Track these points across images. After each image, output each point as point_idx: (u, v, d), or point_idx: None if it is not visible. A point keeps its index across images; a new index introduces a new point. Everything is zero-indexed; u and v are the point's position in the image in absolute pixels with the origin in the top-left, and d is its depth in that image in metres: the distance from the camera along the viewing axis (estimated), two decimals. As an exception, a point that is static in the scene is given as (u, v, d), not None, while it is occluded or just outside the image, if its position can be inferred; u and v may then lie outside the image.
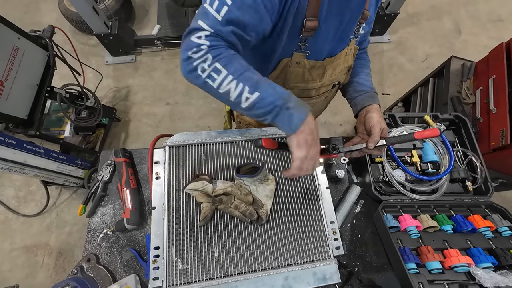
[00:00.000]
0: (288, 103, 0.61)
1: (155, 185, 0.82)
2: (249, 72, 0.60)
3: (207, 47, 0.58)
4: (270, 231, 0.79)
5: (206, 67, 0.59)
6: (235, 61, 0.60)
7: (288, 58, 0.78)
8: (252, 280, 0.72)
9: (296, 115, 0.61)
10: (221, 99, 0.64)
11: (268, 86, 0.61)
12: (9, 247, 1.92)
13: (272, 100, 0.60)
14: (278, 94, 0.61)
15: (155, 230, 0.76)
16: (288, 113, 0.61)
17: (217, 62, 0.58)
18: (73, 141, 2.04)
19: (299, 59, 0.78)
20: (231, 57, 0.60)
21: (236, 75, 0.59)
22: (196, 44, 0.58)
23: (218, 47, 0.59)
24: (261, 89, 0.59)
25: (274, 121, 0.62)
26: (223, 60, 0.59)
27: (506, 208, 0.89)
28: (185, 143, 0.86)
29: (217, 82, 0.60)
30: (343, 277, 0.84)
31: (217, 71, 0.59)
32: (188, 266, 0.72)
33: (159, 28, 2.67)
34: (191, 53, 0.59)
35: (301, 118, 0.61)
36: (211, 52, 0.58)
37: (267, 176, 0.84)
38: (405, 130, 1.00)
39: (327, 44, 0.77)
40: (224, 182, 0.81)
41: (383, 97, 2.53)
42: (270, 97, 0.60)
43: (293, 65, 0.80)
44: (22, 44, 1.49)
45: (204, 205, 0.77)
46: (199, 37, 0.58)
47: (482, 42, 2.70)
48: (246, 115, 0.65)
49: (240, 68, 0.59)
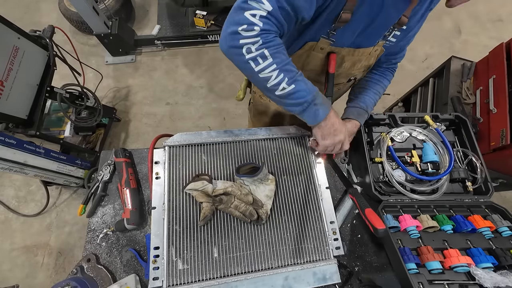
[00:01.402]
0: (316, 100, 0.69)
1: (155, 185, 0.82)
2: (289, 65, 0.65)
3: (259, 29, 0.58)
4: (270, 231, 0.79)
5: (253, 50, 0.59)
6: (281, 52, 0.63)
7: (314, 42, 0.79)
8: (252, 280, 0.72)
9: (320, 110, 0.71)
10: (255, 82, 0.67)
11: (302, 81, 0.67)
12: (9, 247, 1.92)
13: (304, 95, 0.67)
14: (309, 90, 0.68)
15: (155, 230, 0.76)
16: (314, 109, 0.70)
17: (266, 49, 0.59)
18: (73, 141, 2.04)
19: (324, 45, 0.79)
20: (279, 47, 0.62)
21: (280, 65, 0.62)
22: (249, 22, 0.57)
23: (269, 32, 0.59)
24: (297, 83, 0.65)
25: (301, 114, 0.71)
26: (272, 48, 0.60)
27: (506, 208, 0.89)
28: (185, 143, 0.86)
29: (260, 67, 0.62)
30: (343, 277, 0.84)
31: (264, 58, 0.60)
32: (188, 266, 0.72)
33: (159, 28, 2.68)
34: (240, 29, 0.58)
35: (324, 113, 0.71)
36: (262, 37, 0.58)
37: (267, 176, 0.84)
38: (405, 130, 1.00)
39: (352, 37, 0.78)
40: (224, 182, 0.81)
41: (384, 97, 2.53)
42: (303, 92, 0.66)
43: (317, 49, 0.81)
44: (22, 44, 1.49)
45: (204, 205, 0.77)
46: (254, 15, 0.57)
47: (482, 42, 2.70)
48: (274, 101, 0.71)
49: (284, 59, 0.63)
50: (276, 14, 0.59)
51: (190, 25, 2.65)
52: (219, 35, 2.63)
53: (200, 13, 2.53)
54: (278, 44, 0.63)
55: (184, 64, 2.69)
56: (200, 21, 2.56)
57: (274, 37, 0.61)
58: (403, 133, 1.00)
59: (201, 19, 2.54)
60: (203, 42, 2.72)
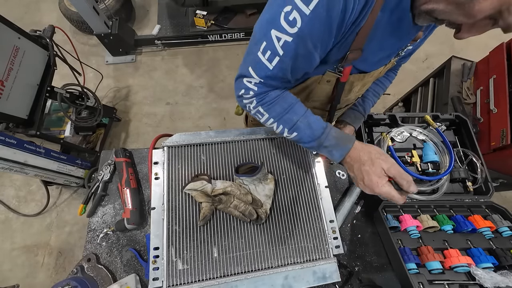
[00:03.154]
0: (324, 143, 0.66)
1: (154, 185, 0.82)
2: (289, 114, 0.66)
3: (253, 93, 0.65)
4: (270, 231, 0.79)
5: (252, 108, 0.69)
6: (277, 104, 0.66)
7: (319, 76, 0.74)
8: (252, 279, 0.72)
9: (335, 151, 0.66)
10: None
11: (306, 127, 0.66)
12: (9, 247, 1.92)
13: (309, 141, 0.67)
14: (314, 135, 0.66)
15: (155, 230, 0.76)
16: (326, 150, 0.67)
17: (260, 107, 0.67)
18: (73, 141, 2.04)
19: (330, 78, 0.74)
20: (273, 101, 0.66)
21: (276, 118, 0.67)
22: (246, 87, 0.65)
23: (263, 93, 0.66)
24: (299, 131, 0.66)
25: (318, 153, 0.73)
26: (266, 105, 0.67)
27: (506, 208, 0.89)
28: (184, 143, 0.86)
29: (262, 120, 0.71)
30: (343, 277, 0.84)
31: (261, 113, 0.69)
32: (188, 266, 0.72)
33: (159, 28, 2.68)
34: (241, 93, 0.68)
35: (342, 154, 0.65)
36: (256, 98, 0.66)
37: (266, 176, 0.84)
38: (405, 130, 1.00)
39: (364, 67, 0.73)
40: (223, 181, 0.81)
41: (384, 97, 2.53)
42: (307, 138, 0.67)
43: (323, 82, 0.76)
44: (23, 44, 1.49)
45: (204, 205, 0.77)
46: (250, 82, 0.64)
47: (483, 42, 2.69)
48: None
49: (280, 111, 0.66)
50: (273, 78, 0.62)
51: (190, 25, 2.65)
52: (219, 35, 2.65)
53: (200, 13, 2.53)
54: (273, 98, 0.66)
55: (184, 64, 2.69)
56: (200, 21, 2.56)
57: (268, 95, 0.66)
58: (403, 133, 1.00)
59: (201, 19, 2.54)
60: (203, 42, 2.72)
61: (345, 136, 0.66)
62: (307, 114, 0.67)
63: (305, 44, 0.54)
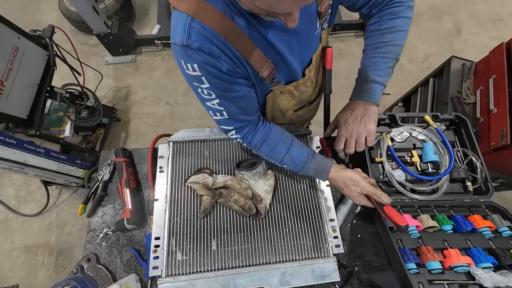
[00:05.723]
0: (307, 173, 0.77)
1: (158, 178, 0.85)
2: (274, 154, 0.76)
3: (240, 138, 0.76)
4: (269, 226, 0.80)
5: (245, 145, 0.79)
6: (264, 144, 0.76)
7: (271, 93, 0.79)
8: (249, 274, 0.73)
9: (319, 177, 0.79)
10: None
11: (291, 162, 0.76)
12: (9, 247, 1.92)
13: (296, 171, 0.78)
14: (297, 169, 0.77)
15: (157, 220, 0.78)
16: (312, 175, 0.79)
17: (250, 147, 0.79)
18: (73, 140, 2.04)
19: (280, 89, 0.78)
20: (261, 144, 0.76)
21: (267, 156, 0.78)
22: (234, 138, 0.77)
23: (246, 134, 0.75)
24: (286, 165, 0.77)
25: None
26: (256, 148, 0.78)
27: (506, 208, 0.89)
28: (188, 139, 0.89)
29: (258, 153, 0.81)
30: (343, 277, 0.84)
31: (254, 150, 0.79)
32: (187, 257, 0.74)
33: (159, 28, 2.67)
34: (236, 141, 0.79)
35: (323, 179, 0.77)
36: (244, 142, 0.77)
37: (266, 171, 0.84)
38: (405, 130, 1.00)
39: (295, 64, 0.73)
40: (224, 176, 0.83)
41: (384, 97, 2.53)
42: (294, 170, 0.78)
43: (277, 95, 0.81)
44: (22, 44, 1.49)
45: (205, 198, 0.79)
46: (232, 134, 0.75)
47: (482, 42, 2.70)
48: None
49: (268, 151, 0.76)
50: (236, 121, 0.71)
51: (190, 25, 2.64)
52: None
53: (200, 13, 2.53)
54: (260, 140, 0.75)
55: (184, 64, 2.69)
56: (200, 21, 2.56)
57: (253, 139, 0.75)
58: (403, 133, 1.00)
59: (201, 19, 2.54)
60: (203, 42, 2.72)
61: (321, 168, 0.76)
62: (290, 151, 0.76)
63: (226, 96, 0.65)
